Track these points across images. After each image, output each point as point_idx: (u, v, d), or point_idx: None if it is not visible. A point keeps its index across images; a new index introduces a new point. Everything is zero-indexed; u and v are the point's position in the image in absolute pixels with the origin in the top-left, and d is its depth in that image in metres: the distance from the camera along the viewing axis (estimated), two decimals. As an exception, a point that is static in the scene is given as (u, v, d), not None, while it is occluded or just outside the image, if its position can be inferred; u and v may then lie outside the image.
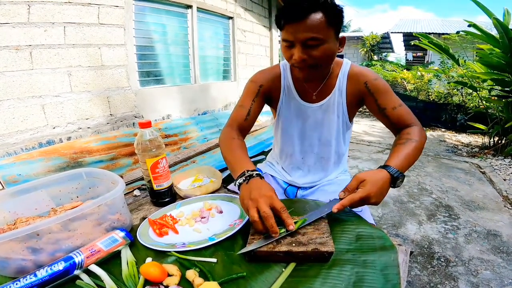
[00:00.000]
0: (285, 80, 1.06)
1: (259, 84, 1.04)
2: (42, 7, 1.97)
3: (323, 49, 0.83)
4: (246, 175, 0.76)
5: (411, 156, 0.82)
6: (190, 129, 3.05)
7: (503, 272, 1.77)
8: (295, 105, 1.07)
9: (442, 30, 10.71)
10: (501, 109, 4.20)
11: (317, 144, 1.11)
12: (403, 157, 0.80)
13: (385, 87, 0.96)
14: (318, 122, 1.07)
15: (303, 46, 0.82)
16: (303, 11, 0.78)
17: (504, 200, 2.75)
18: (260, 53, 4.76)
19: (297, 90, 1.06)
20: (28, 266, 0.60)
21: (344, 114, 1.05)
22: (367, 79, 0.97)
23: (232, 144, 0.91)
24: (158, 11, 2.91)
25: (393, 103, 0.94)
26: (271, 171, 1.27)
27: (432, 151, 4.56)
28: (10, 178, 1.71)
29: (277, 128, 1.16)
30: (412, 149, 0.83)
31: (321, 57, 0.84)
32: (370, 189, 0.71)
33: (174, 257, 0.66)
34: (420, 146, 0.86)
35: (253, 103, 1.02)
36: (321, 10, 0.79)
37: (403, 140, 0.87)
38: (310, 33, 0.79)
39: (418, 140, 0.86)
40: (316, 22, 0.79)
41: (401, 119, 0.93)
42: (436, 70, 6.33)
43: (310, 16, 0.78)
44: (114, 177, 0.80)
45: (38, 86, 2.00)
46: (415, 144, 0.85)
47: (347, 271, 0.60)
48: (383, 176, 0.74)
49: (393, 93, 0.96)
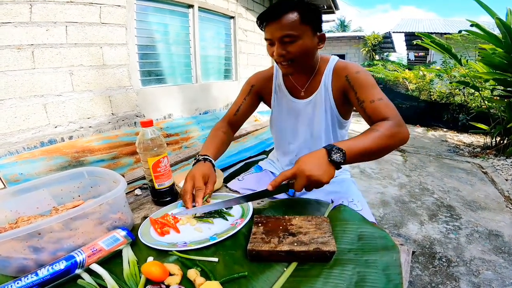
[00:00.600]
0: (276, 79, 1.14)
1: (251, 84, 1.17)
2: (44, 6, 1.97)
3: (299, 45, 0.90)
4: (198, 158, 0.97)
5: (363, 140, 0.77)
6: (191, 129, 3.05)
7: (504, 272, 1.76)
8: (286, 102, 1.13)
9: (444, 29, 10.68)
10: (503, 109, 4.18)
11: (309, 140, 1.14)
12: (352, 140, 0.78)
13: (366, 80, 0.93)
14: (309, 117, 1.10)
15: (280, 43, 0.90)
16: (279, 11, 0.87)
17: (506, 201, 2.74)
18: (261, 52, 4.76)
19: (287, 88, 1.12)
20: (29, 265, 0.60)
21: (332, 109, 1.05)
22: (348, 72, 0.96)
23: (211, 134, 1.12)
24: (160, 11, 2.91)
25: (372, 97, 0.90)
26: (271, 168, 1.31)
27: (434, 151, 4.55)
28: (12, 177, 1.72)
29: (272, 126, 1.24)
30: (369, 136, 0.78)
31: (297, 52, 0.91)
32: (300, 164, 0.72)
33: (176, 257, 0.66)
34: (383, 136, 0.79)
35: (244, 101, 1.17)
36: (296, 10, 0.87)
37: (367, 130, 0.83)
38: (285, 31, 0.87)
39: (382, 131, 0.80)
40: (290, 20, 0.87)
41: (377, 113, 0.87)
42: (438, 70, 6.31)
43: (285, 15, 0.87)
44: (116, 176, 0.80)
45: (40, 85, 2.01)
46: (376, 133, 0.79)
47: (349, 270, 0.60)
48: (318, 152, 0.74)
49: (376, 87, 0.93)
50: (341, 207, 0.84)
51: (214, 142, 1.08)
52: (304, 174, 0.70)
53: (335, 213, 0.81)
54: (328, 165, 0.72)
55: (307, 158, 0.73)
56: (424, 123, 6.55)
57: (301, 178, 0.70)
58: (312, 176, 0.69)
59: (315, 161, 0.72)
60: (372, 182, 3.23)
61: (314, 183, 0.71)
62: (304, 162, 0.72)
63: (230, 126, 1.18)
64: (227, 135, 1.14)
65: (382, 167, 3.68)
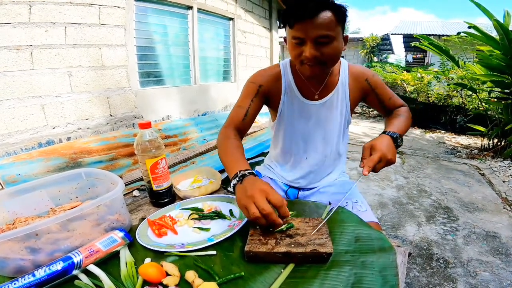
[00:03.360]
0: (285, 80, 1.06)
1: (258, 84, 1.03)
2: (43, 7, 1.97)
3: (333, 46, 0.86)
4: (239, 175, 0.74)
5: (402, 123, 0.98)
6: (189, 130, 3.05)
7: (502, 273, 1.77)
8: (298, 104, 1.06)
9: (442, 31, 10.74)
10: (500, 111, 4.20)
11: (321, 143, 1.11)
12: (396, 125, 0.95)
13: (381, 82, 1.09)
14: (322, 119, 1.08)
15: (314, 43, 0.85)
16: (314, 9, 0.81)
17: (503, 202, 2.75)
18: (260, 54, 4.77)
19: (299, 89, 1.06)
20: (26, 266, 0.60)
21: (347, 110, 1.09)
22: (367, 75, 1.07)
23: (227, 144, 0.91)
24: (159, 12, 2.92)
25: (388, 95, 1.09)
26: (270, 174, 1.26)
27: (432, 153, 4.56)
28: (9, 178, 1.71)
29: (279, 129, 1.14)
30: (402, 119, 1.00)
31: (331, 54, 0.87)
32: (382, 148, 0.82)
33: (173, 258, 0.66)
34: (408, 118, 1.03)
35: (251, 103, 1.01)
36: (330, 9, 0.82)
37: (394, 115, 1.05)
38: (322, 31, 0.82)
39: (406, 115, 1.04)
40: (327, 20, 0.82)
41: (394, 105, 1.10)
42: (436, 72, 6.33)
43: (321, 14, 0.81)
44: (114, 178, 0.80)
45: (38, 86, 2.00)
46: (403, 117, 1.01)
47: (346, 272, 0.61)
48: (386, 138, 0.87)
49: (385, 85, 1.10)
50: (338, 208, 0.84)
51: (240, 153, 0.87)
52: (386, 157, 0.81)
53: (333, 215, 0.81)
54: (395, 149, 0.87)
55: (384, 144, 0.84)
56: (422, 125, 6.57)
57: (384, 161, 0.82)
58: (392, 159, 0.83)
59: (390, 146, 0.84)
60: (370, 184, 3.24)
61: (389, 165, 0.83)
62: (383, 147, 0.83)
63: (239, 132, 1.00)
64: (241, 143, 0.96)
65: (380, 168, 3.68)
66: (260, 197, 0.65)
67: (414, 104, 6.80)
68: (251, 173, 0.75)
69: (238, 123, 1.00)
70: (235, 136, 0.96)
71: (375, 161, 0.80)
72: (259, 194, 0.66)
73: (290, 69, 1.06)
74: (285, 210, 0.66)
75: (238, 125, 1.00)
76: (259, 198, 0.65)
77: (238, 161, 0.82)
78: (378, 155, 0.80)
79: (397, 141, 0.87)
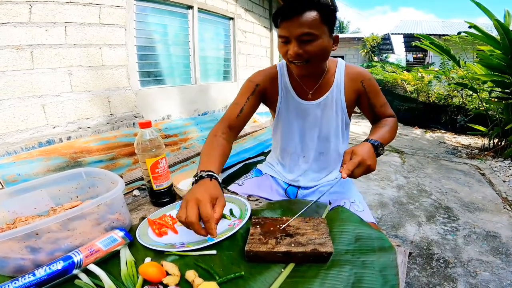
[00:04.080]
0: (282, 80, 1.09)
1: (255, 83, 1.07)
2: (43, 6, 1.97)
3: (317, 44, 0.88)
4: (198, 175, 0.76)
5: (386, 133, 0.96)
6: (190, 130, 3.05)
7: (502, 273, 1.77)
8: (293, 104, 1.09)
9: (443, 31, 10.72)
10: (501, 111, 4.20)
11: (316, 141, 1.13)
12: (379, 133, 0.94)
13: (377, 87, 1.07)
14: (317, 119, 1.09)
15: (298, 41, 0.87)
16: (299, 8, 0.84)
17: (504, 202, 2.75)
18: (260, 54, 4.77)
19: (295, 89, 1.08)
20: (26, 266, 0.60)
21: (343, 110, 1.08)
22: (363, 78, 1.05)
23: (210, 141, 0.95)
24: (159, 12, 2.91)
25: (381, 102, 1.07)
26: (271, 172, 1.27)
27: (432, 153, 4.56)
28: (9, 178, 1.71)
29: (277, 128, 1.18)
30: (386, 129, 0.98)
31: (315, 52, 0.89)
32: (361, 154, 0.81)
33: (173, 257, 0.66)
34: (393, 129, 1.02)
35: (247, 100, 1.05)
36: (315, 8, 0.85)
37: (380, 124, 1.03)
38: (305, 29, 0.84)
39: (392, 125, 1.02)
40: (310, 18, 0.84)
41: (383, 114, 1.08)
42: (437, 72, 6.33)
43: (305, 13, 0.84)
44: (114, 177, 0.80)
45: (39, 85, 2.00)
46: (388, 127, 1.00)
47: (346, 271, 0.61)
48: (367, 145, 0.86)
49: (381, 92, 1.09)
50: (339, 208, 0.84)
51: (217, 153, 0.90)
52: (366, 163, 0.80)
53: (333, 214, 0.81)
54: (375, 157, 0.86)
55: (364, 150, 0.83)
56: (422, 124, 6.57)
57: (363, 166, 0.80)
58: (371, 165, 0.81)
59: (370, 153, 0.83)
60: (371, 184, 3.24)
61: (368, 171, 0.82)
62: (364, 153, 0.81)
63: (231, 130, 1.02)
64: (228, 142, 0.99)
65: (380, 168, 3.69)
66: (191, 205, 0.66)
67: (414, 103, 6.81)
68: (209, 176, 0.75)
69: (232, 120, 1.03)
70: (222, 133, 0.99)
71: (354, 164, 0.79)
72: (192, 201, 0.66)
73: (287, 70, 1.09)
74: (209, 226, 0.64)
75: (232, 122, 1.03)
76: (190, 206, 0.66)
77: (208, 161, 0.85)
78: (358, 159, 0.80)
79: (377, 149, 0.86)
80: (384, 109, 1.07)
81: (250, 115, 1.08)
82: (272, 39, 5.02)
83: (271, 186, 1.23)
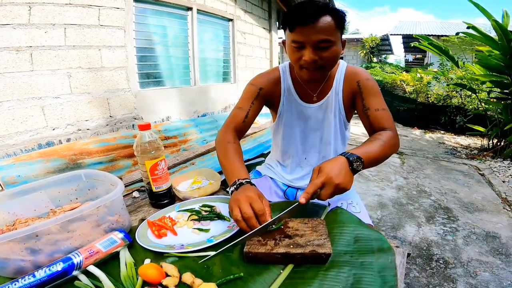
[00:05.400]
0: (285, 83, 1.08)
1: (259, 87, 1.05)
2: (43, 8, 1.97)
3: (333, 51, 0.87)
4: (237, 183, 0.79)
5: (374, 147, 0.83)
6: (189, 131, 3.05)
7: (501, 273, 1.77)
8: (296, 107, 1.09)
9: (441, 32, 10.73)
10: (500, 111, 4.21)
11: (318, 143, 1.13)
12: (364, 148, 0.82)
13: (374, 88, 0.99)
14: (319, 122, 1.09)
15: (314, 48, 0.85)
16: (315, 14, 0.82)
17: (503, 202, 2.75)
18: (260, 55, 4.77)
19: (297, 92, 1.07)
20: (27, 267, 0.61)
21: (341, 113, 1.07)
22: (359, 78, 1.01)
23: (227, 149, 0.94)
24: (159, 13, 2.92)
25: (377, 105, 0.96)
26: (270, 173, 1.27)
27: (431, 153, 4.56)
28: (9, 179, 1.71)
29: (278, 130, 1.17)
30: (376, 145, 0.84)
31: (330, 58, 0.88)
32: (328, 172, 0.72)
33: (173, 259, 0.66)
34: (386, 145, 0.86)
35: (252, 105, 1.03)
36: (330, 14, 0.83)
37: (372, 138, 0.89)
38: (323, 35, 0.83)
39: (386, 141, 0.87)
40: (327, 24, 0.82)
41: (379, 122, 0.95)
42: (436, 72, 6.35)
43: (321, 19, 0.82)
44: (113, 179, 0.81)
45: (38, 87, 2.01)
46: (381, 142, 0.86)
47: (345, 273, 0.61)
48: (339, 160, 0.75)
49: (381, 96, 0.99)
50: (338, 209, 0.84)
51: (240, 160, 0.92)
52: (333, 182, 0.71)
53: (332, 216, 0.81)
54: (350, 173, 0.75)
55: (331, 167, 0.73)
56: (421, 125, 6.58)
57: (330, 186, 0.71)
58: (340, 184, 0.71)
59: (340, 170, 0.73)
60: (370, 185, 3.24)
61: (340, 191, 0.72)
62: (330, 171, 0.72)
63: (238, 134, 1.03)
64: (240, 146, 0.99)
65: (380, 169, 3.69)
66: (244, 202, 0.71)
67: (413, 104, 6.82)
68: (248, 182, 0.80)
69: (238, 124, 1.02)
70: (234, 139, 0.99)
71: (316, 186, 0.71)
72: (244, 199, 0.71)
73: (289, 73, 1.08)
74: (264, 219, 0.70)
75: (238, 126, 1.02)
76: (243, 203, 0.70)
77: (238, 169, 0.86)
78: (321, 180, 0.71)
79: (353, 165, 0.75)
80: (381, 115, 0.95)
81: (254, 119, 1.07)
82: (271, 41, 5.03)
83: (270, 187, 1.23)
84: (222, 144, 0.96)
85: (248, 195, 0.73)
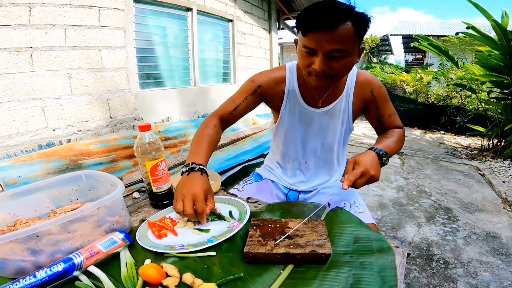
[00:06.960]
0: (290, 84, 1.03)
1: (257, 84, 1.02)
2: (43, 9, 1.98)
3: (346, 61, 0.81)
4: (190, 166, 0.82)
5: (392, 143, 0.95)
6: (189, 132, 3.06)
7: (502, 273, 1.77)
8: (299, 110, 1.05)
9: (441, 32, 10.74)
10: (500, 111, 4.21)
11: (320, 149, 1.11)
12: (385, 143, 0.93)
13: (386, 96, 1.05)
14: (323, 127, 1.06)
15: (325, 57, 0.79)
16: (333, 20, 0.74)
17: (503, 202, 2.75)
18: (260, 55, 4.78)
19: (302, 95, 1.03)
20: (27, 267, 0.61)
21: (349, 120, 1.06)
22: (373, 87, 1.03)
23: (202, 133, 0.95)
24: (159, 14, 2.93)
25: (390, 111, 1.05)
26: (271, 176, 1.25)
27: (431, 154, 4.56)
28: (10, 180, 1.71)
29: (279, 132, 1.13)
30: (393, 139, 0.97)
31: (341, 69, 0.83)
32: (365, 164, 0.80)
33: (173, 259, 0.67)
34: (400, 140, 1.00)
35: (244, 100, 1.02)
36: (351, 20, 0.75)
37: (387, 134, 1.02)
38: (337, 45, 0.76)
39: (400, 137, 1.01)
40: (344, 32, 0.75)
41: (391, 124, 1.06)
42: (435, 72, 6.35)
43: (339, 26, 0.74)
44: (114, 180, 0.81)
45: (39, 88, 2.01)
46: (395, 138, 0.98)
47: (345, 273, 0.61)
48: (371, 154, 0.85)
49: (390, 101, 1.06)
50: (337, 210, 0.85)
51: (207, 145, 0.91)
52: (369, 173, 0.80)
53: (332, 216, 0.81)
54: (379, 166, 0.85)
55: (367, 159, 0.82)
56: (421, 125, 6.58)
57: (366, 176, 0.80)
58: (375, 175, 0.81)
59: (372, 160, 0.82)
60: (370, 185, 3.23)
61: (372, 181, 0.82)
62: (367, 163, 0.81)
63: (222, 123, 1.02)
64: (218, 134, 0.98)
65: (380, 169, 3.68)
66: (188, 200, 0.74)
67: (413, 104, 6.82)
68: (200, 169, 0.82)
69: (225, 114, 1.02)
70: (215, 126, 0.98)
71: (357, 175, 0.78)
72: (189, 197, 0.75)
73: (296, 74, 1.03)
74: (202, 218, 0.77)
75: (224, 116, 1.02)
76: (186, 200, 0.75)
77: (198, 152, 0.89)
78: (361, 170, 0.79)
79: (382, 159, 0.85)
80: (393, 119, 1.05)
81: (244, 113, 1.06)
82: (272, 41, 5.03)
83: (271, 190, 1.22)
84: (201, 127, 0.97)
85: (194, 192, 0.75)
